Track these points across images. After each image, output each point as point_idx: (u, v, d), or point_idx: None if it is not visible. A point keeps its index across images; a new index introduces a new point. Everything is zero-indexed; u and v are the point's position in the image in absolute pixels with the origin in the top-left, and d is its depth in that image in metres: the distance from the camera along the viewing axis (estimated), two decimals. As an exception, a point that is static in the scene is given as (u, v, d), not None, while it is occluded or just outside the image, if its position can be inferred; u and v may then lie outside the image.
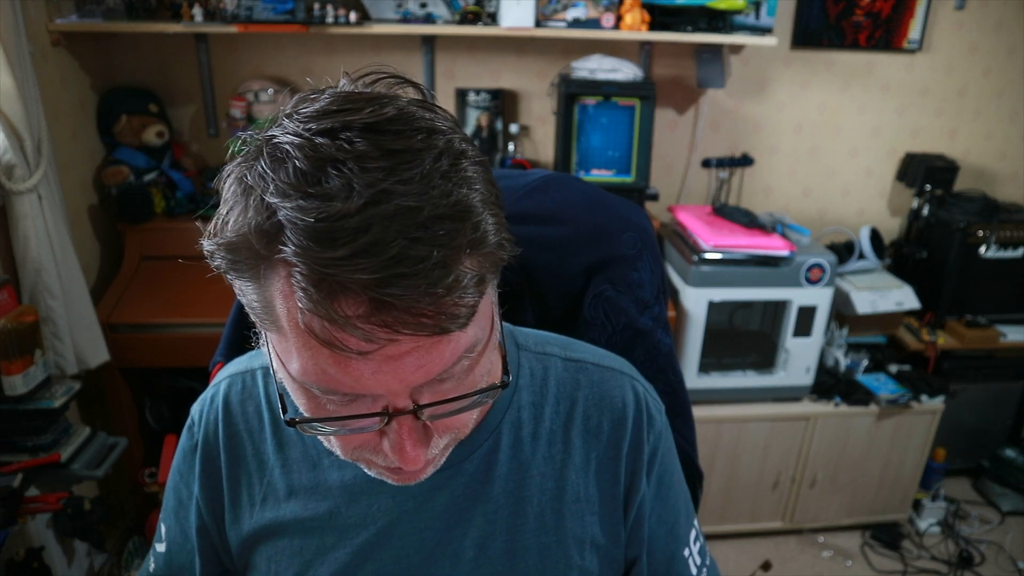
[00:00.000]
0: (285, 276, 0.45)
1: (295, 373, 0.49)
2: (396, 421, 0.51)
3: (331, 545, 0.66)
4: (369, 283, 0.42)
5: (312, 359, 0.47)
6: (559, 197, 0.90)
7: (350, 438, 0.54)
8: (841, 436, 2.38)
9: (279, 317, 0.48)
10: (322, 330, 0.45)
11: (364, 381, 0.47)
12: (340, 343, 0.45)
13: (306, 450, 0.68)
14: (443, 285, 0.44)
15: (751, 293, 2.20)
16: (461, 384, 0.52)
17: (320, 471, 0.67)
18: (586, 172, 2.31)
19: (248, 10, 2.04)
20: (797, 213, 2.71)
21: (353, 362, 0.46)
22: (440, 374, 0.49)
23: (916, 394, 2.37)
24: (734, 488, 2.41)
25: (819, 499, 2.47)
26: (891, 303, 2.42)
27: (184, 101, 2.36)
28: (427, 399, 0.51)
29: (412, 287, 0.42)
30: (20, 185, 1.62)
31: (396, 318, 0.44)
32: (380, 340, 0.45)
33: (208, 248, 0.50)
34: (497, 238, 0.49)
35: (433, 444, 0.55)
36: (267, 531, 0.68)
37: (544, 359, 0.70)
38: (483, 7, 2.20)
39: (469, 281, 0.46)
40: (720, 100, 2.56)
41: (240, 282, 0.49)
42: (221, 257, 0.49)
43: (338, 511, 0.67)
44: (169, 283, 2.12)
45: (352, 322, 0.44)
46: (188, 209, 2.27)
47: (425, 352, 0.47)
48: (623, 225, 0.89)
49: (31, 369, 1.60)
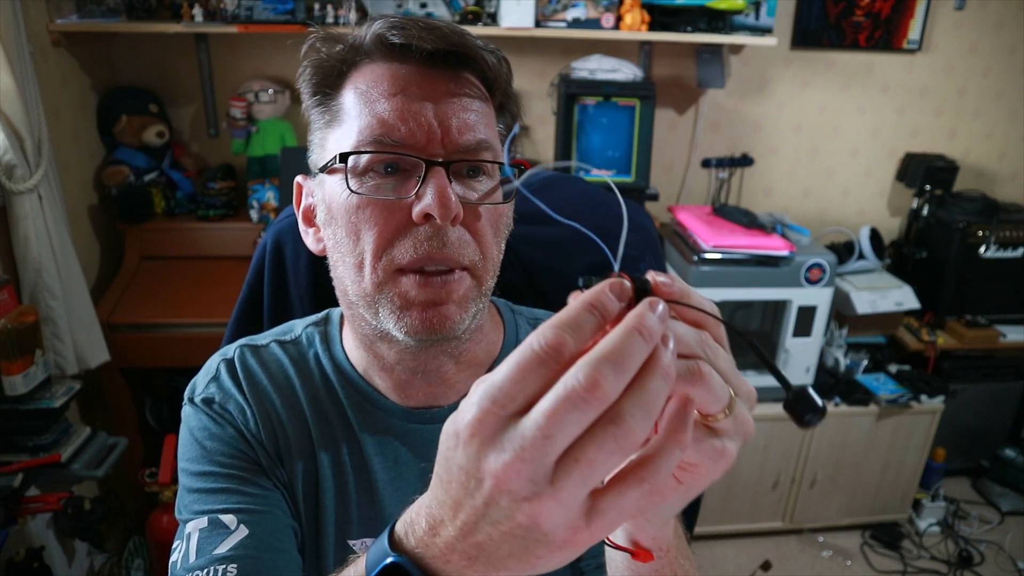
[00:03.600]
0: (369, 64, 0.68)
1: (356, 133, 0.65)
2: (432, 175, 0.62)
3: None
4: (432, 42, 0.64)
5: (373, 114, 0.64)
6: (561, 197, 0.91)
7: (386, 223, 0.63)
8: (841, 436, 2.38)
9: (350, 105, 0.67)
10: (393, 80, 0.65)
11: (418, 119, 0.63)
12: (406, 87, 0.65)
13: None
14: (473, 47, 0.67)
15: (751, 293, 2.20)
16: (479, 184, 0.67)
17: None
18: (586, 172, 2.31)
19: (248, 10, 2.04)
20: (797, 213, 2.71)
21: (412, 104, 0.64)
22: (467, 138, 0.65)
23: (916, 394, 2.37)
24: (734, 488, 2.41)
25: (819, 499, 2.47)
26: (891, 303, 2.42)
27: (184, 101, 2.36)
28: (456, 167, 0.65)
29: (461, 45, 0.65)
30: (20, 185, 1.62)
31: (441, 75, 0.66)
32: (432, 89, 0.65)
33: (305, 72, 0.71)
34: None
35: (460, 240, 0.64)
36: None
37: (535, 322, 0.81)
38: (483, 7, 2.20)
39: (489, 60, 0.67)
40: (720, 100, 2.56)
41: (321, 96, 0.70)
42: (314, 74, 0.70)
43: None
44: (169, 283, 2.12)
45: (414, 70, 0.66)
46: (188, 209, 2.27)
47: (460, 110, 0.65)
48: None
49: (31, 369, 1.60)
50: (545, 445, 0.33)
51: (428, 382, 0.74)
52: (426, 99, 0.65)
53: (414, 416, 0.75)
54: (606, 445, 0.33)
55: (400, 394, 0.75)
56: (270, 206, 2.23)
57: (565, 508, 0.34)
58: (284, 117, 2.30)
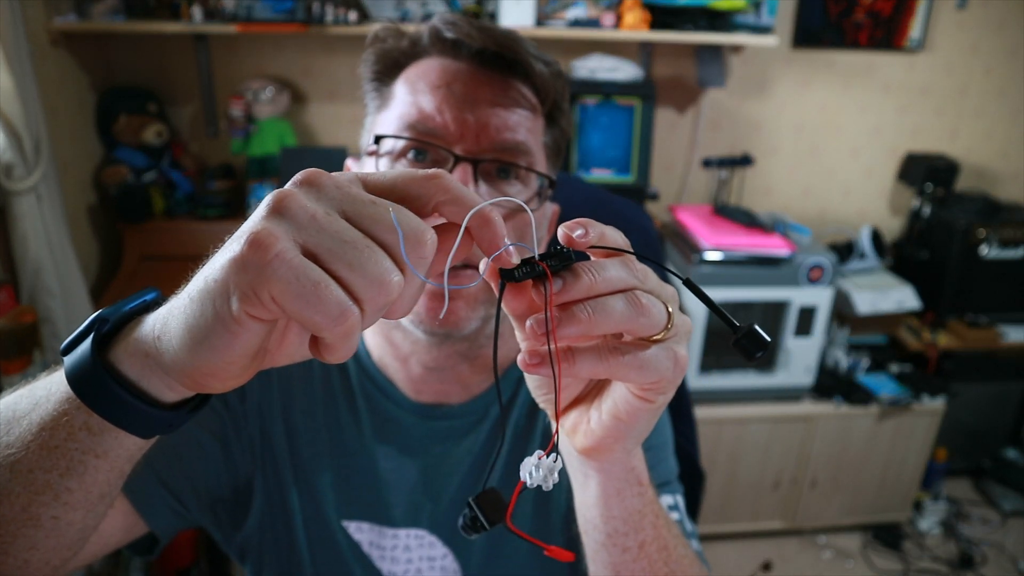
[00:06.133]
0: (425, 58, 0.70)
1: (396, 119, 0.67)
2: (458, 169, 0.64)
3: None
4: (482, 40, 0.67)
5: (415, 103, 0.67)
6: (561, 197, 0.91)
7: None
8: (842, 436, 2.37)
9: (399, 93, 0.69)
10: (441, 74, 0.67)
11: (456, 112, 0.65)
12: (452, 81, 0.67)
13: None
14: (524, 50, 0.68)
15: (751, 293, 2.20)
16: (510, 188, 0.68)
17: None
18: (586, 172, 2.31)
19: (247, 9, 2.03)
20: (797, 213, 2.71)
21: (454, 98, 0.66)
22: (504, 137, 0.66)
23: (917, 394, 2.36)
24: (735, 488, 2.41)
25: (820, 499, 2.46)
26: (892, 303, 2.41)
27: (183, 101, 2.35)
28: (484, 167, 0.66)
29: (511, 49, 0.67)
30: (19, 185, 1.61)
31: (488, 76, 0.68)
32: (472, 90, 0.66)
33: (368, 59, 0.73)
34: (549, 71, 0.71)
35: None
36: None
37: None
38: (483, 6, 2.19)
39: (537, 70, 0.69)
40: (720, 100, 2.55)
41: (377, 83, 0.73)
42: (376, 62, 0.73)
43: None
44: (169, 283, 2.06)
45: (464, 68, 0.68)
46: (187, 209, 2.26)
47: (503, 111, 0.66)
48: (625, 226, 0.89)
49: (30, 369, 1.60)
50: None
51: (441, 380, 0.75)
52: (470, 96, 0.66)
53: (423, 411, 0.76)
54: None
55: (412, 388, 0.76)
56: (270, 206, 2.22)
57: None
58: (284, 117, 2.29)
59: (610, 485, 0.51)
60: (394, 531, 0.75)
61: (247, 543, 0.77)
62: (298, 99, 2.37)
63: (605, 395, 0.46)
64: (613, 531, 0.53)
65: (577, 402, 0.48)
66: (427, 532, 0.76)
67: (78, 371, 0.39)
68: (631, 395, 0.44)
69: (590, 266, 0.39)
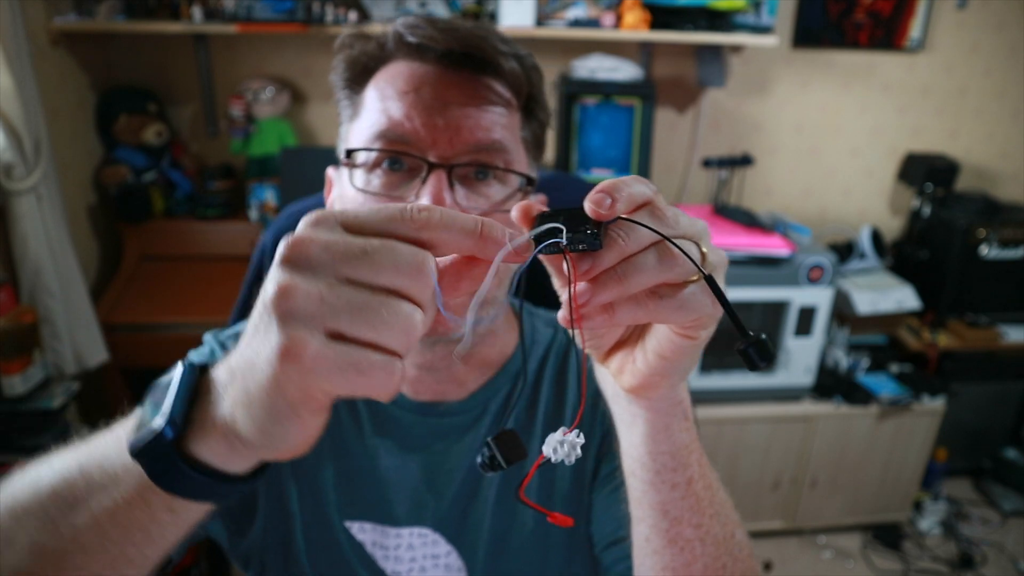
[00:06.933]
0: (393, 63, 0.68)
1: (367, 129, 0.66)
2: (432, 176, 0.63)
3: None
4: (446, 42, 0.65)
5: (384, 111, 0.65)
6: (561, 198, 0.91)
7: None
8: (842, 436, 2.37)
9: (368, 101, 0.68)
10: (408, 79, 0.66)
11: (426, 117, 0.64)
12: (420, 85, 0.65)
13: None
14: (492, 41, 0.67)
15: (751, 293, 2.20)
16: (488, 189, 0.67)
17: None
18: (586, 172, 2.31)
19: (247, 9, 2.03)
20: (797, 213, 2.71)
21: (423, 103, 0.64)
22: (478, 138, 0.65)
23: (917, 394, 2.36)
24: (735, 488, 2.40)
25: (820, 499, 2.46)
26: (892, 303, 2.41)
27: (183, 100, 2.35)
28: (460, 171, 0.65)
29: (478, 48, 0.66)
30: (19, 185, 1.62)
31: (458, 77, 0.66)
32: (444, 91, 0.65)
33: (337, 67, 0.71)
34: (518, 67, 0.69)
35: None
36: None
37: (551, 323, 0.84)
38: (483, 7, 2.19)
39: (506, 66, 0.67)
40: (720, 100, 2.55)
41: (348, 91, 0.71)
42: (345, 70, 0.71)
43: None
44: (169, 283, 2.12)
45: (432, 70, 0.66)
46: (187, 209, 2.26)
47: (475, 112, 0.65)
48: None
49: (30, 369, 1.60)
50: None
51: (437, 380, 0.76)
52: (439, 99, 0.65)
53: (422, 409, 0.76)
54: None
55: (410, 388, 0.76)
56: (269, 206, 2.23)
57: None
58: (284, 117, 2.29)
59: (659, 421, 0.51)
60: (397, 530, 0.75)
61: (251, 549, 0.77)
62: (298, 99, 2.37)
63: (648, 335, 0.47)
64: (662, 467, 0.53)
65: (621, 345, 0.49)
66: (430, 530, 0.76)
67: (160, 473, 0.40)
68: (674, 334, 0.44)
69: (620, 231, 0.39)
